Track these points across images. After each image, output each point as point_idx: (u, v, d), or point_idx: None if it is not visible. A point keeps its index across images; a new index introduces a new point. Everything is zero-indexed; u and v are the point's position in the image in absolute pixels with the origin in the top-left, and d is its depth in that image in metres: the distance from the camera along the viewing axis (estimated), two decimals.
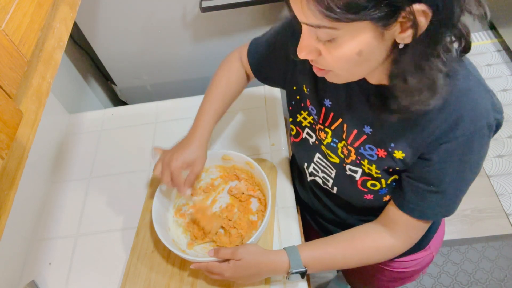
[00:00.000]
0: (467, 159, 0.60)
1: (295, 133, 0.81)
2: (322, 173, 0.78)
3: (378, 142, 0.65)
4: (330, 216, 0.88)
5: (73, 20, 0.74)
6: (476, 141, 0.59)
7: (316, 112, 0.74)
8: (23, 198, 0.94)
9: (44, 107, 0.62)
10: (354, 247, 0.74)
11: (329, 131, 0.73)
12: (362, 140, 0.67)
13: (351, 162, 0.70)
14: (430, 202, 0.65)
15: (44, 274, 0.90)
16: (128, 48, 1.22)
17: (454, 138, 0.58)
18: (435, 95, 0.54)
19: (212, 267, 0.75)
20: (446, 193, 0.64)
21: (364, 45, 0.50)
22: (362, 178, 0.70)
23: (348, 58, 0.52)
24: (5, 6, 0.50)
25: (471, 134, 0.58)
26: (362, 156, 0.68)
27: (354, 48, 0.50)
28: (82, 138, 1.14)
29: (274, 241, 0.87)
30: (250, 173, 0.93)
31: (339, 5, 0.45)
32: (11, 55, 0.50)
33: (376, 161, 0.67)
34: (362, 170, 0.69)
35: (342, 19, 0.46)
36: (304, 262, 0.73)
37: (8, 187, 0.55)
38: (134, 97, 1.42)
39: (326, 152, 0.75)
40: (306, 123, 0.78)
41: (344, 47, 0.51)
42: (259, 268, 0.74)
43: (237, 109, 1.13)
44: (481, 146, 0.60)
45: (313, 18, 0.48)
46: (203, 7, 1.05)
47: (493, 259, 1.66)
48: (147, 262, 0.86)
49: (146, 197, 0.97)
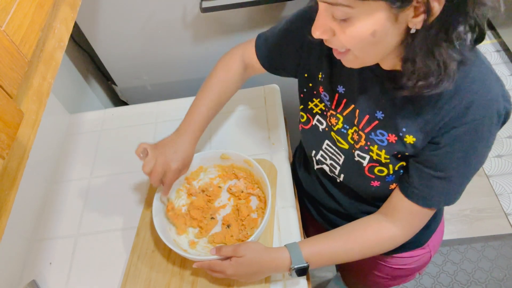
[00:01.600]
0: (475, 145, 0.61)
1: (305, 120, 0.82)
2: (330, 160, 0.79)
3: (389, 127, 0.66)
4: (333, 206, 0.88)
5: (73, 20, 0.74)
6: (485, 127, 0.60)
7: (328, 98, 0.75)
8: (24, 198, 0.94)
9: (44, 107, 0.62)
10: (354, 239, 0.74)
11: (341, 117, 0.73)
12: (373, 125, 0.68)
13: (360, 147, 0.71)
14: (435, 188, 0.66)
15: (45, 273, 0.90)
16: (129, 48, 1.22)
17: (464, 123, 0.59)
18: (446, 80, 0.55)
19: (215, 265, 0.75)
20: (452, 179, 0.64)
21: (378, 26, 0.51)
22: (369, 165, 0.71)
23: (362, 38, 0.53)
24: (6, 7, 0.50)
25: (481, 120, 0.59)
26: (372, 142, 0.69)
27: (368, 28, 0.52)
28: (82, 138, 1.14)
29: (274, 241, 0.87)
30: (249, 171, 0.93)
31: None
32: (12, 55, 0.50)
33: (386, 146, 0.67)
34: (370, 156, 0.70)
35: None
36: (305, 258, 0.73)
37: (9, 187, 0.55)
38: (135, 97, 1.42)
39: (335, 138, 0.76)
40: (317, 110, 0.79)
41: (358, 27, 0.52)
42: (261, 265, 0.74)
43: (237, 109, 1.13)
44: (489, 133, 0.61)
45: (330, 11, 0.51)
46: (203, 7, 1.05)
47: (493, 259, 1.66)
48: (148, 261, 0.86)
49: (146, 197, 0.97)
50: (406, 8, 0.49)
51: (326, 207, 0.91)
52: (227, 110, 1.13)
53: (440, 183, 0.65)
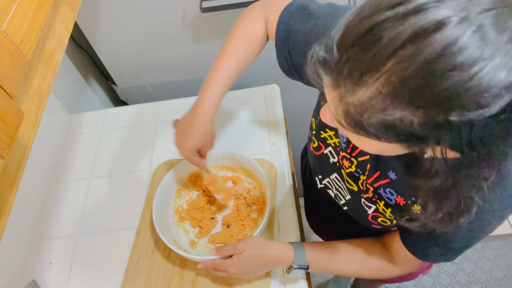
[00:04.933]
0: (484, 231, 0.59)
1: (316, 146, 0.76)
2: (336, 191, 0.78)
3: (400, 190, 0.62)
4: (334, 219, 0.88)
5: (73, 20, 0.74)
6: (497, 218, 0.56)
7: (346, 140, 0.68)
8: (24, 198, 0.94)
9: (44, 107, 0.62)
10: (357, 261, 0.74)
11: (355, 161, 0.68)
12: (383, 182, 0.64)
13: (367, 198, 0.69)
14: (435, 251, 0.64)
15: (45, 273, 0.90)
16: (129, 48, 1.22)
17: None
18: (462, 217, 0.50)
19: (218, 265, 0.75)
20: (453, 248, 0.63)
21: (385, 151, 0.47)
22: (373, 214, 0.70)
23: (368, 150, 0.49)
24: (5, 7, 0.50)
25: (494, 212, 0.55)
26: (380, 197, 0.66)
27: (375, 149, 0.48)
28: (82, 138, 1.14)
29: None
30: (249, 171, 0.93)
31: (367, 130, 0.41)
32: (12, 55, 0.50)
33: (393, 206, 0.65)
34: (376, 208, 0.68)
35: (366, 136, 0.42)
36: (307, 260, 0.73)
37: (9, 187, 0.55)
38: (135, 97, 1.42)
39: (345, 178, 0.72)
40: (331, 143, 0.73)
41: (365, 144, 0.47)
42: (263, 258, 0.74)
43: (237, 109, 1.13)
44: (499, 223, 0.57)
45: (340, 126, 0.44)
46: (203, 7, 1.05)
47: (493, 259, 1.66)
48: (148, 261, 0.86)
49: (146, 197, 0.97)
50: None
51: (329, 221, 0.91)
52: (227, 110, 1.13)
53: (441, 249, 0.63)
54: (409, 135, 0.39)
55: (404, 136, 0.40)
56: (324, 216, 0.98)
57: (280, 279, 0.82)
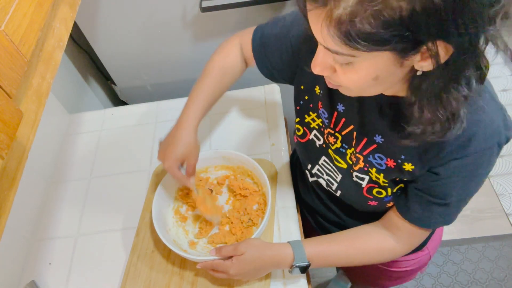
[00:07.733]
0: (475, 174, 0.61)
1: (301, 133, 0.79)
2: (326, 176, 0.78)
3: (388, 152, 0.65)
4: (331, 217, 0.88)
5: (73, 20, 0.74)
6: (485, 158, 0.59)
7: (327, 116, 0.72)
8: (24, 198, 0.94)
9: (44, 107, 0.62)
10: (357, 247, 0.75)
11: (339, 136, 0.71)
12: (371, 148, 0.67)
13: (359, 169, 0.70)
14: (434, 213, 0.66)
15: (44, 274, 0.90)
16: (128, 48, 1.22)
17: (466, 155, 0.58)
18: (453, 128, 0.53)
19: (217, 266, 0.75)
20: (451, 204, 0.64)
21: (381, 71, 0.49)
22: (368, 186, 0.70)
23: (364, 82, 0.51)
24: (5, 6, 0.50)
25: (482, 152, 0.58)
26: (371, 164, 0.68)
27: (370, 74, 0.49)
28: (82, 138, 1.14)
29: (274, 241, 0.87)
30: (249, 171, 0.93)
31: (361, 36, 0.43)
32: (11, 55, 0.50)
33: (384, 170, 0.66)
34: (369, 177, 0.69)
35: (362, 48, 0.44)
36: (308, 257, 0.73)
37: (8, 187, 0.55)
38: (134, 97, 1.42)
39: (333, 157, 0.74)
40: (315, 125, 0.76)
41: (360, 72, 0.50)
42: (263, 260, 0.74)
43: (237, 109, 1.13)
44: (489, 163, 0.60)
45: (332, 43, 0.47)
46: (203, 7, 1.05)
47: (493, 259, 1.66)
48: (147, 261, 0.86)
49: (146, 197, 0.97)
50: (413, 55, 0.46)
51: (324, 217, 0.91)
52: (227, 110, 1.13)
53: (439, 207, 0.65)
54: (404, 30, 0.42)
55: (399, 35, 0.42)
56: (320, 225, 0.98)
57: (280, 279, 0.82)
